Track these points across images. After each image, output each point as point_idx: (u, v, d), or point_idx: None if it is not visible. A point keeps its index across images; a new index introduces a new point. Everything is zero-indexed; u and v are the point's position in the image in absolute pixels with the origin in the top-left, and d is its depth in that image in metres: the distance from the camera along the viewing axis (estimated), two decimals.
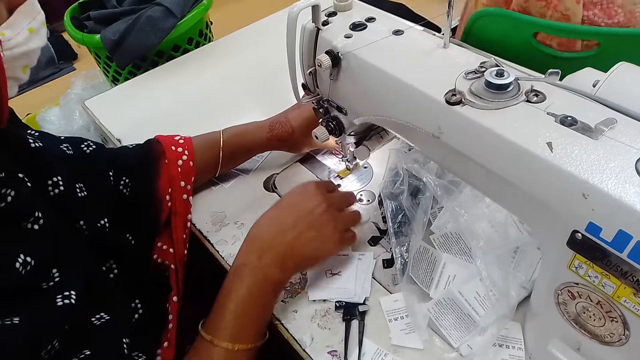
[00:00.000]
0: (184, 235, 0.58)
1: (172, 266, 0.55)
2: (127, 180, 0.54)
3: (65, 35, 1.55)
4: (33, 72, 1.43)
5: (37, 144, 0.46)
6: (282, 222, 0.51)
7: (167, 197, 0.57)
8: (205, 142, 0.64)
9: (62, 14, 1.06)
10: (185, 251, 0.58)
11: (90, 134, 0.99)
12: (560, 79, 0.38)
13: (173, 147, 0.60)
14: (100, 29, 0.96)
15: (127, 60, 0.97)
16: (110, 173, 0.53)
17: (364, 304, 0.53)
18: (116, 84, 1.03)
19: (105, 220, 0.48)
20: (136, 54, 0.95)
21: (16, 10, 0.39)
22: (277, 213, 0.52)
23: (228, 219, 0.64)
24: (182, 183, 0.59)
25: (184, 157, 0.60)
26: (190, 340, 0.48)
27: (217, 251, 0.61)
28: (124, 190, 0.54)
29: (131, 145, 0.61)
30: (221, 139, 0.63)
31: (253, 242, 0.51)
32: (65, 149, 0.50)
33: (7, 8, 0.39)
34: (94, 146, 0.53)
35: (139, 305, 0.48)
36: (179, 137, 0.62)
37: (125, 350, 0.42)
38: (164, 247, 0.56)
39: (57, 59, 1.57)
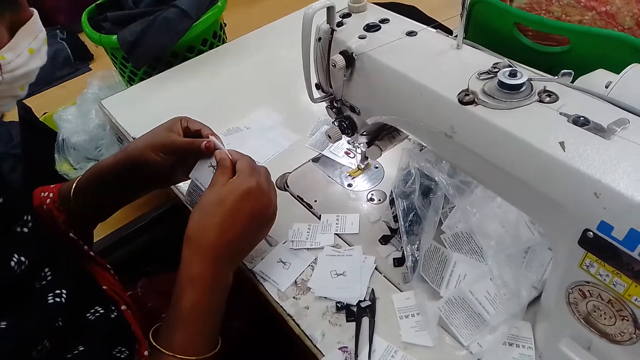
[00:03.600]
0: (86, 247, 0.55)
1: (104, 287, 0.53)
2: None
3: (82, 36, 1.57)
4: (49, 72, 1.45)
5: None
6: (232, 228, 0.49)
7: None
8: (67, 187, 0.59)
9: (78, 15, 1.08)
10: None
11: (106, 133, 1.01)
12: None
13: (42, 193, 0.59)
14: (117, 30, 0.98)
15: (143, 61, 0.98)
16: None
17: (364, 300, 0.53)
18: (132, 84, 1.05)
19: None
20: (152, 55, 0.97)
21: (18, 31, 0.39)
22: (225, 219, 0.49)
23: None
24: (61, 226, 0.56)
25: (47, 201, 0.58)
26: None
27: None
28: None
29: None
30: (75, 182, 0.59)
31: (200, 249, 0.48)
32: None
33: (9, 29, 0.39)
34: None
35: (112, 307, 0.48)
36: (53, 186, 0.60)
37: (113, 345, 0.43)
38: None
39: (73, 60, 1.59)
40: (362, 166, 0.68)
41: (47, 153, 1.06)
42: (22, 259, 0.36)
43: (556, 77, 0.39)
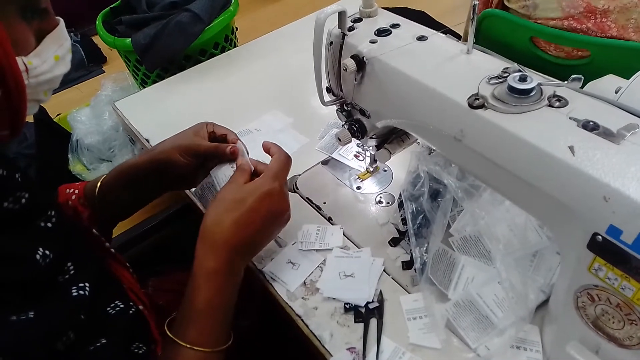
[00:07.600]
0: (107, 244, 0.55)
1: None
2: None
3: (95, 39, 1.61)
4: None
5: None
6: (248, 226, 0.50)
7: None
8: (92, 184, 0.61)
9: (93, 18, 1.11)
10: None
11: (119, 134, 1.03)
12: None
13: (67, 190, 0.60)
14: (131, 33, 1.00)
15: (156, 64, 1.00)
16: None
17: (372, 301, 0.54)
18: (144, 87, 1.06)
19: None
20: (165, 58, 0.99)
21: (45, 38, 0.41)
22: (243, 216, 0.50)
23: None
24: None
25: (73, 197, 0.59)
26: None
27: None
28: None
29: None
30: (100, 180, 0.61)
31: (216, 244, 0.49)
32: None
33: (36, 36, 0.40)
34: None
35: (131, 303, 0.49)
36: (79, 183, 0.62)
37: (131, 340, 0.44)
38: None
39: (86, 62, 1.63)
40: (371, 169, 0.69)
41: (61, 153, 1.08)
42: (47, 252, 0.37)
43: (566, 82, 0.39)
